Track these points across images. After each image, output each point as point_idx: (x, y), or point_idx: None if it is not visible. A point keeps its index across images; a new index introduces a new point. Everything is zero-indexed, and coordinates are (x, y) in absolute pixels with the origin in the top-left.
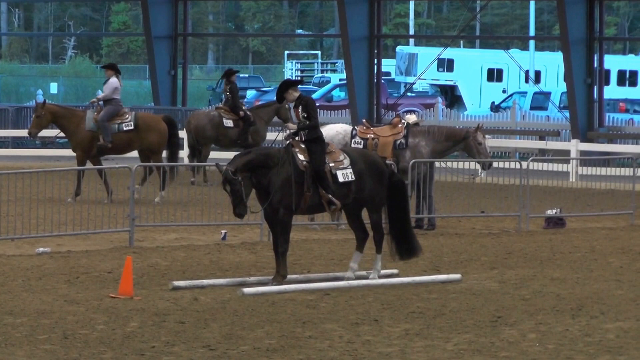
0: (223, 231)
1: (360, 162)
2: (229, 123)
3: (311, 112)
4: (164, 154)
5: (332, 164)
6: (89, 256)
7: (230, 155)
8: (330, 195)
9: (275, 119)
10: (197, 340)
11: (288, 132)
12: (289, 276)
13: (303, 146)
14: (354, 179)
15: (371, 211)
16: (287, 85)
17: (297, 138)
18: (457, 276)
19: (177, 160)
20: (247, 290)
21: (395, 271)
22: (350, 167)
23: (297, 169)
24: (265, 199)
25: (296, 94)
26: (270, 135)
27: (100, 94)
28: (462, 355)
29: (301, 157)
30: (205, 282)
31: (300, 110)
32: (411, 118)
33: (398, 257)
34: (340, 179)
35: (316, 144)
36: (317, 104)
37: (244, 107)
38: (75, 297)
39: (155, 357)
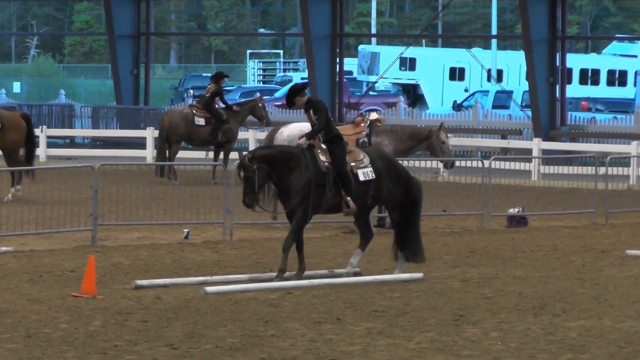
0: (185, 230)
1: (378, 161)
2: (200, 121)
3: (319, 114)
4: (21, 151)
5: (352, 164)
6: (52, 255)
7: (199, 154)
8: (348, 198)
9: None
10: (159, 339)
11: (303, 146)
12: (255, 275)
13: (324, 147)
14: (374, 177)
15: (391, 210)
16: (296, 91)
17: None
18: (420, 275)
19: (33, 159)
20: (209, 289)
21: (357, 269)
22: (370, 165)
23: (318, 170)
24: (287, 200)
25: (304, 99)
26: (243, 135)
27: None
28: (425, 354)
29: (323, 158)
30: (168, 280)
31: (312, 113)
32: (373, 115)
33: (402, 258)
34: (361, 178)
35: (336, 143)
36: (279, 103)
37: (217, 106)
38: (38, 296)
39: (118, 356)
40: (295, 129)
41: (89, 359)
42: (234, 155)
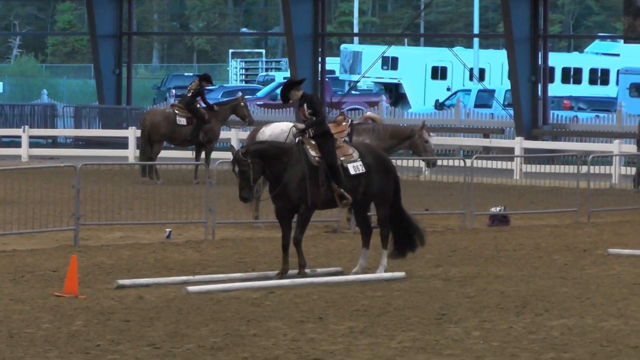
0: (168, 230)
1: (368, 156)
2: (182, 121)
3: (316, 108)
4: None
5: (342, 158)
6: (34, 255)
7: (182, 154)
8: (342, 190)
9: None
10: (142, 339)
11: (295, 131)
12: (237, 274)
13: (313, 142)
14: (364, 171)
15: (379, 206)
16: (291, 85)
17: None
18: (402, 274)
19: None
20: (191, 288)
21: (340, 269)
22: (359, 159)
23: (310, 165)
24: (279, 193)
25: (299, 93)
26: (226, 134)
27: None
28: (407, 353)
29: (313, 153)
30: (151, 280)
31: (305, 107)
32: (370, 115)
33: (398, 255)
34: (352, 172)
35: (325, 138)
36: (261, 103)
37: (199, 106)
38: (20, 296)
39: (100, 355)
40: (277, 128)
41: (72, 359)
42: (215, 154)
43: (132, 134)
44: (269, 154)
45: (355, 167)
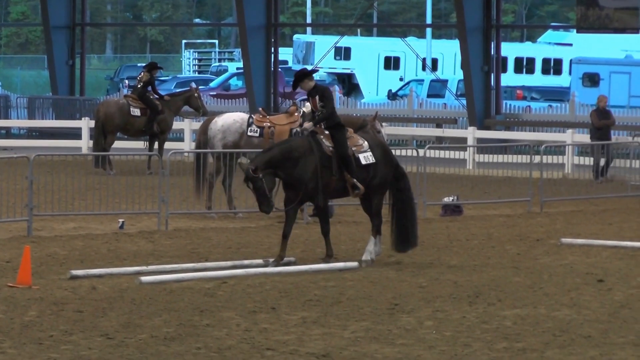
0: (121, 220)
1: (375, 147)
2: (136, 112)
3: (326, 101)
4: None
5: (353, 148)
6: None
7: (135, 144)
8: (354, 180)
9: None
10: (95, 329)
11: (306, 132)
12: (190, 264)
13: (327, 132)
14: (374, 161)
15: (376, 195)
16: (304, 75)
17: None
18: (354, 264)
19: None
20: (144, 279)
21: (293, 259)
22: (369, 150)
23: (324, 154)
24: (295, 188)
25: (312, 84)
26: (179, 125)
27: None
28: (359, 343)
29: (327, 143)
30: (104, 270)
31: (317, 99)
32: (309, 107)
33: (397, 249)
34: (363, 162)
35: (338, 130)
36: (214, 93)
37: (152, 97)
38: None
39: (53, 346)
40: (229, 118)
41: (25, 349)
42: (168, 145)
43: (85, 124)
44: (278, 158)
45: (366, 158)
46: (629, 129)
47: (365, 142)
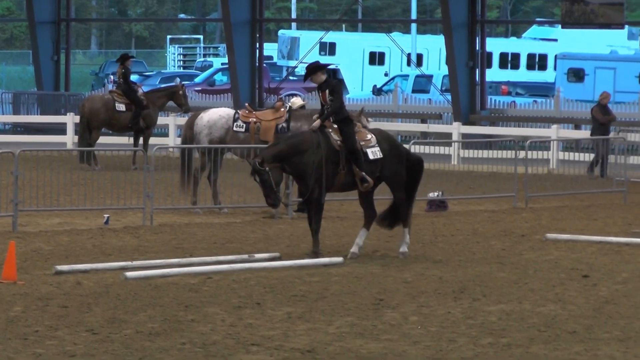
0: (106, 215)
1: (383, 142)
2: (121, 107)
3: (336, 95)
4: None
5: (362, 143)
6: None
7: (120, 140)
8: (363, 173)
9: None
10: (80, 325)
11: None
12: (175, 260)
13: (335, 126)
14: (382, 156)
15: (395, 190)
16: (316, 68)
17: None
18: (339, 259)
19: None
20: (130, 274)
21: (277, 254)
22: (377, 145)
23: (332, 148)
24: (301, 176)
25: (323, 77)
26: (163, 120)
27: None
28: (344, 338)
29: (335, 137)
30: (89, 266)
31: (327, 93)
32: (297, 102)
33: (386, 224)
34: (371, 157)
35: (346, 124)
36: (199, 89)
37: (139, 91)
38: None
39: (38, 341)
40: (215, 114)
41: (10, 345)
42: (153, 140)
43: (70, 120)
44: (285, 152)
45: (374, 152)
46: (615, 124)
47: (373, 137)
